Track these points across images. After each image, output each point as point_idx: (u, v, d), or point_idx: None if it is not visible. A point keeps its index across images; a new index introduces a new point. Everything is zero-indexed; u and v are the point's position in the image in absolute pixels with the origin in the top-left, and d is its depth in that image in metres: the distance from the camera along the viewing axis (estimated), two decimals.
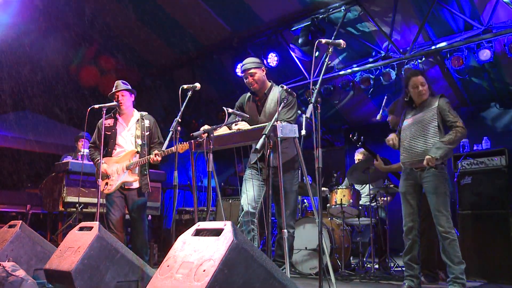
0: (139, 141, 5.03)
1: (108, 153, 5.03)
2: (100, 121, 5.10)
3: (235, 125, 4.03)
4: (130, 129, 5.10)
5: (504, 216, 5.15)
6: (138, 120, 5.13)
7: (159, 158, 4.79)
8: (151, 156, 4.80)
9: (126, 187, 4.95)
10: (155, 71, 10.71)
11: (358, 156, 6.86)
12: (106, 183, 4.92)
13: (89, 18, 9.19)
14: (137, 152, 5.00)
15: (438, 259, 4.15)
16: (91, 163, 6.11)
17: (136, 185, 4.98)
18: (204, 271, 2.13)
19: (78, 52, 9.93)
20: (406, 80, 4.38)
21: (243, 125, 4.04)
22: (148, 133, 5.11)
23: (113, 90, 5.08)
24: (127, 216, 5.13)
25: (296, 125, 3.78)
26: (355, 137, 5.46)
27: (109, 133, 5.05)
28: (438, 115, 4.12)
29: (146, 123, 5.13)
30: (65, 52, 9.70)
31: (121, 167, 4.93)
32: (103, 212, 5.05)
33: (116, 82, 5.14)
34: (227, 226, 2.26)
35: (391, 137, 4.43)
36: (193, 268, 2.20)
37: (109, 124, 5.08)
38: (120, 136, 5.07)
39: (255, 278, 2.19)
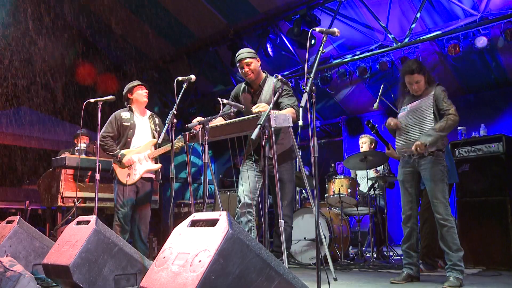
0: (155, 134, 5.29)
1: (127, 144, 5.17)
2: (117, 112, 5.25)
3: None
4: (146, 122, 5.32)
5: (502, 203, 5.16)
6: (150, 116, 5.40)
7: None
8: (176, 143, 4.95)
9: (145, 176, 5.16)
10: (152, 64, 10.68)
11: (363, 140, 6.75)
12: (129, 174, 5.05)
13: (83, 13, 9.15)
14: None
15: (438, 247, 4.16)
16: (88, 157, 6.11)
17: (151, 175, 5.22)
18: (199, 261, 2.12)
19: (73, 47, 9.89)
20: (402, 75, 4.35)
21: (219, 121, 4.12)
22: (159, 129, 5.36)
23: (130, 89, 5.31)
24: None
25: (290, 115, 3.76)
26: (369, 125, 5.50)
27: (128, 124, 5.20)
28: (434, 103, 4.12)
29: (156, 120, 5.42)
30: (61, 48, 9.66)
31: (143, 157, 5.12)
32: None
33: (136, 83, 5.37)
34: (222, 217, 2.25)
35: (390, 119, 4.38)
36: (189, 259, 2.19)
37: (126, 116, 5.22)
38: (139, 128, 5.24)
39: (251, 268, 2.19)
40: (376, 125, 5.46)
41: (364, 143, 6.61)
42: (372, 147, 6.51)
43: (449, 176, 4.84)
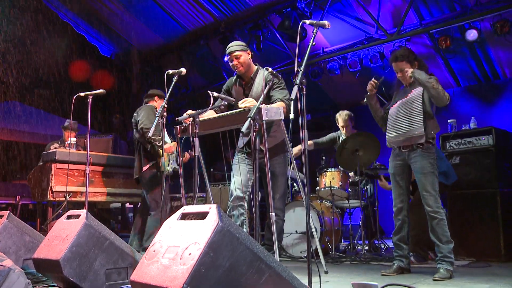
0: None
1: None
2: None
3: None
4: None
5: (492, 195, 5.20)
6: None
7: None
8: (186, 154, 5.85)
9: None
10: (142, 58, 10.62)
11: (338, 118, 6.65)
12: (168, 164, 5.46)
13: (74, 6, 9.08)
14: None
15: (428, 238, 4.18)
16: (79, 151, 6.08)
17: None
18: (189, 254, 2.11)
19: (64, 41, 9.82)
20: (389, 63, 4.39)
21: (210, 114, 4.14)
22: (171, 137, 5.75)
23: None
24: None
25: (281, 108, 3.75)
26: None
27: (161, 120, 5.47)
28: (423, 94, 4.10)
29: None
30: (51, 41, 9.59)
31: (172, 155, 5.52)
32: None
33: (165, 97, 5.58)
34: (212, 209, 2.24)
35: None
36: (179, 252, 2.18)
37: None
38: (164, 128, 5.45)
39: (241, 261, 2.18)
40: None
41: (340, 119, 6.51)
42: (348, 124, 6.41)
43: (448, 177, 4.97)
